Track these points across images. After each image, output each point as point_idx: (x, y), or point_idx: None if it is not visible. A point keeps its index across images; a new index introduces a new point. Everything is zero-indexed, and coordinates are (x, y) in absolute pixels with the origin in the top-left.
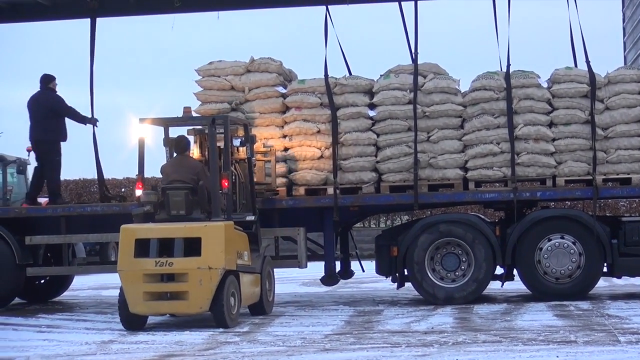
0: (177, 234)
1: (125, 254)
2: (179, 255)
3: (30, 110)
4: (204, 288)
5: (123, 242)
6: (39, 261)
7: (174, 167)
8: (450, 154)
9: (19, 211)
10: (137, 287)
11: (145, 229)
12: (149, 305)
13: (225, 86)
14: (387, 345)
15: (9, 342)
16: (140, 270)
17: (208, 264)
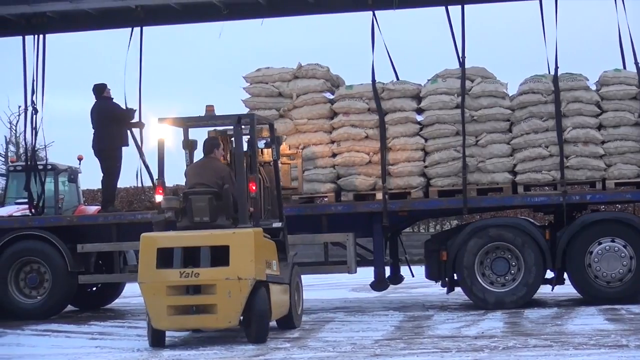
0: (203, 242)
1: (146, 265)
2: (205, 265)
3: (91, 120)
4: (233, 300)
5: (143, 252)
6: (91, 269)
7: (197, 170)
8: (499, 157)
9: (70, 219)
10: (161, 301)
11: (167, 237)
12: (173, 320)
13: (273, 93)
14: (437, 351)
15: (62, 349)
16: (164, 282)
17: (237, 274)
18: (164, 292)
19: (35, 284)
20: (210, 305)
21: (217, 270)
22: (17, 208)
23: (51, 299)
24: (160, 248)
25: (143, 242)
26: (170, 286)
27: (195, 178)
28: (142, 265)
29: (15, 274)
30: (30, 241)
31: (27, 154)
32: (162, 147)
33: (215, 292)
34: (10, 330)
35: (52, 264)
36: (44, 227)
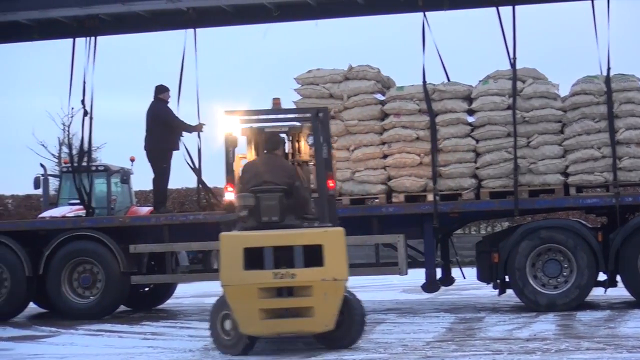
0: (296, 241)
1: (230, 266)
2: (299, 266)
3: (145, 120)
4: (329, 303)
5: (227, 253)
6: (143, 269)
7: (263, 167)
8: (551, 159)
9: (123, 220)
10: (251, 304)
11: (256, 236)
12: (266, 325)
13: (324, 94)
14: (488, 353)
15: (114, 349)
16: (255, 284)
17: (333, 275)
18: (256, 295)
19: (88, 284)
20: (306, 308)
21: (313, 270)
22: (71, 209)
23: (104, 300)
24: (248, 248)
25: (225, 242)
26: (262, 288)
27: (262, 176)
28: (226, 266)
29: (68, 274)
30: (84, 242)
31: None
32: (231, 141)
33: (312, 294)
34: (64, 330)
35: (105, 264)
36: (96, 227)
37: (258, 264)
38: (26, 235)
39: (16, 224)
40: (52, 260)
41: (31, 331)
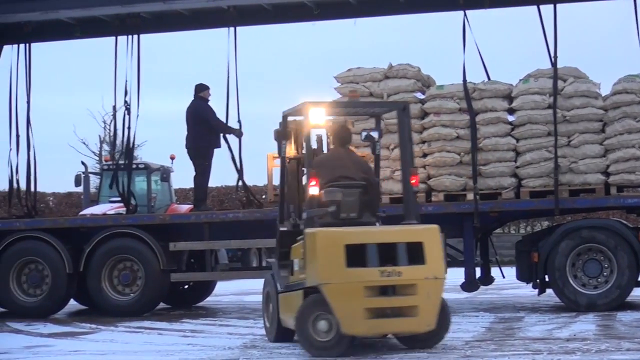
0: (398, 238)
1: (330, 264)
2: (404, 264)
3: (186, 118)
4: (432, 302)
5: (324, 249)
6: (183, 267)
7: (339, 161)
8: (592, 158)
9: (163, 218)
10: (356, 303)
11: (357, 233)
12: (370, 325)
13: (364, 93)
14: (528, 353)
15: (154, 346)
16: (360, 282)
17: (434, 273)
18: (362, 294)
19: (128, 281)
20: (411, 307)
21: (417, 268)
22: (111, 206)
23: (144, 297)
24: (350, 245)
25: (321, 239)
26: (368, 287)
27: (337, 170)
28: (325, 264)
29: (109, 271)
30: (124, 239)
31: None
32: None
33: (416, 292)
34: (104, 326)
35: (145, 262)
36: (137, 225)
37: (357, 261)
38: (67, 232)
39: (57, 222)
40: (93, 258)
41: (71, 328)
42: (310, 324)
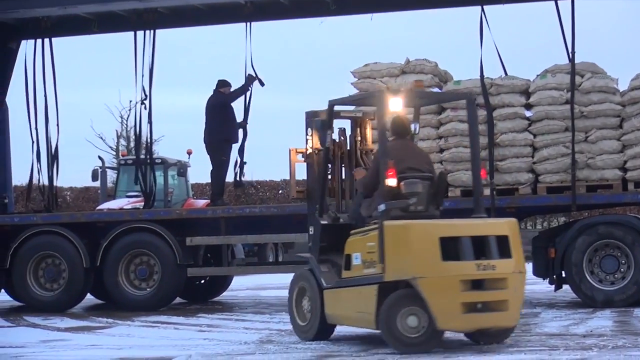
0: (489, 231)
1: (425, 256)
2: (495, 257)
3: (205, 113)
4: (517, 296)
5: (418, 242)
6: (199, 262)
7: (404, 152)
8: (609, 154)
9: (180, 212)
10: (452, 298)
11: (450, 225)
12: (466, 320)
13: (381, 88)
14: (544, 349)
15: (171, 340)
16: (456, 276)
17: (519, 267)
18: (457, 288)
19: (145, 276)
20: (502, 301)
21: (506, 262)
22: (128, 201)
23: (160, 291)
24: (444, 237)
25: (417, 231)
26: (464, 281)
27: (405, 162)
28: (420, 257)
29: (125, 266)
30: (141, 234)
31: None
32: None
33: (507, 286)
34: (120, 321)
35: (161, 256)
36: (153, 220)
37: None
38: (84, 227)
39: (74, 216)
40: (110, 252)
41: (88, 322)
42: (399, 320)
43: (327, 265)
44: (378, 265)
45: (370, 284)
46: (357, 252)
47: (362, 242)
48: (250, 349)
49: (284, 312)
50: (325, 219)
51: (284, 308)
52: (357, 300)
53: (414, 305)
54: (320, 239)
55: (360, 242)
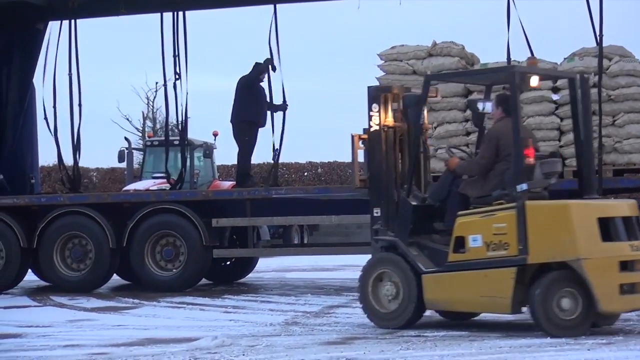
0: (634, 212)
1: (586, 237)
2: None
3: (235, 90)
4: None
5: (579, 223)
6: (225, 243)
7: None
8: (636, 138)
9: (205, 194)
10: (612, 279)
11: (605, 205)
12: (623, 301)
13: (408, 70)
14: None
15: (197, 321)
16: (615, 257)
17: None
18: (616, 269)
19: (171, 257)
20: None
21: None
22: (154, 182)
23: (186, 272)
24: (602, 218)
25: (577, 212)
26: (620, 262)
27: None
28: (581, 237)
29: (151, 246)
30: (167, 215)
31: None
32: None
33: None
34: (146, 302)
35: (187, 237)
36: (179, 201)
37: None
38: (110, 207)
39: (101, 197)
40: (136, 233)
41: (114, 302)
42: (554, 303)
43: (415, 249)
44: (512, 247)
45: (505, 267)
46: (475, 233)
47: (482, 223)
48: (275, 331)
49: (309, 293)
50: (413, 200)
51: (309, 290)
52: (482, 284)
53: (570, 287)
54: (410, 221)
55: (479, 224)
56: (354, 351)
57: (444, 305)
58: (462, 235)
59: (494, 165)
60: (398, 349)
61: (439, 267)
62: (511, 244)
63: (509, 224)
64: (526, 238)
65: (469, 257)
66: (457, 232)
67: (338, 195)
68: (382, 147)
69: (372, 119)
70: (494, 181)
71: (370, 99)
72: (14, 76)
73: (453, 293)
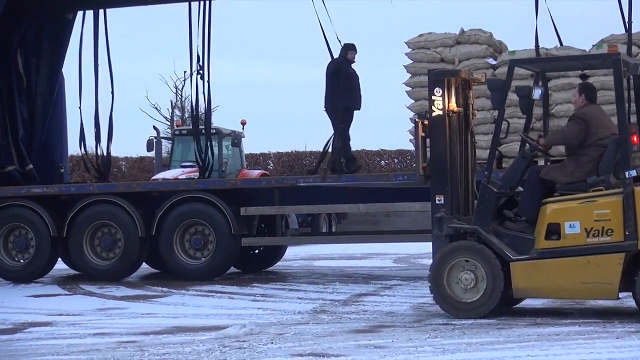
0: None
1: None
2: None
3: (325, 76)
4: None
5: None
6: (254, 232)
7: (605, 118)
8: None
9: (234, 183)
10: None
11: None
12: None
13: (435, 58)
14: (599, 321)
15: (225, 309)
16: None
17: None
18: None
19: (199, 245)
20: None
21: None
22: (183, 171)
23: (215, 261)
24: None
25: None
26: None
27: (610, 127)
28: None
29: (180, 235)
30: (195, 203)
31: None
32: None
33: None
34: (175, 290)
35: (216, 226)
36: (208, 189)
37: None
38: (139, 196)
39: (130, 186)
40: (165, 222)
41: (143, 291)
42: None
43: (494, 237)
44: (617, 233)
45: (611, 253)
46: (572, 220)
47: (581, 209)
48: (304, 319)
49: (337, 282)
50: (494, 187)
51: (337, 278)
52: (584, 271)
53: None
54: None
55: (577, 210)
56: (382, 339)
57: (535, 293)
58: (556, 221)
59: (582, 150)
60: (426, 337)
61: (528, 255)
62: (616, 230)
63: (612, 210)
64: (636, 224)
65: (565, 244)
66: (548, 219)
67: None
68: (446, 132)
69: (434, 103)
70: (587, 167)
71: (432, 84)
72: (43, 66)
73: (548, 280)
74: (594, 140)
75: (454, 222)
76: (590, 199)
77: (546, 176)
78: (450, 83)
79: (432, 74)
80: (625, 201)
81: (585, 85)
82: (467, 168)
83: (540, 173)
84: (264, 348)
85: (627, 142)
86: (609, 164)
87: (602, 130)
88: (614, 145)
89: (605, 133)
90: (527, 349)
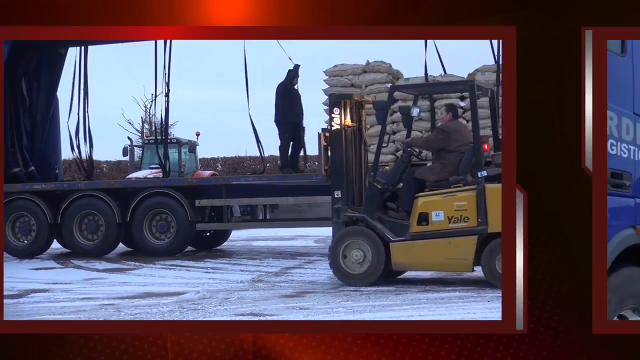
0: None
1: None
2: None
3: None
4: None
5: None
6: (206, 219)
7: (465, 130)
8: None
9: (190, 181)
10: None
11: None
12: None
13: (347, 84)
14: None
15: (184, 279)
16: None
17: None
18: None
19: (164, 229)
20: None
21: None
22: (151, 172)
23: (176, 241)
24: None
25: None
26: None
27: (467, 137)
28: None
29: (149, 221)
30: (161, 197)
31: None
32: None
33: None
34: (144, 264)
35: (176, 214)
36: (171, 186)
37: None
38: (117, 191)
39: (110, 183)
40: (137, 211)
41: (120, 265)
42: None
43: (378, 223)
44: (472, 220)
45: (467, 235)
46: (438, 210)
47: (444, 202)
48: (245, 286)
49: (270, 258)
50: (378, 184)
51: (270, 255)
52: (447, 249)
53: None
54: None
55: (441, 202)
56: (306, 302)
57: (410, 267)
58: (425, 211)
59: (446, 155)
60: (340, 301)
61: (404, 237)
62: (471, 217)
63: (469, 202)
64: (486, 213)
65: (432, 229)
66: (420, 209)
67: (294, 181)
68: (342, 142)
69: (333, 120)
70: (450, 169)
71: (331, 104)
72: (42, 90)
73: (419, 257)
74: (454, 147)
75: (348, 212)
76: (451, 194)
77: (419, 176)
78: (345, 104)
79: (332, 97)
80: (478, 195)
81: (451, 105)
82: (360, 169)
83: (414, 173)
84: (213, 309)
85: (479, 149)
86: (466, 166)
87: (461, 140)
88: (470, 151)
89: (464, 142)
90: (419, 310)
